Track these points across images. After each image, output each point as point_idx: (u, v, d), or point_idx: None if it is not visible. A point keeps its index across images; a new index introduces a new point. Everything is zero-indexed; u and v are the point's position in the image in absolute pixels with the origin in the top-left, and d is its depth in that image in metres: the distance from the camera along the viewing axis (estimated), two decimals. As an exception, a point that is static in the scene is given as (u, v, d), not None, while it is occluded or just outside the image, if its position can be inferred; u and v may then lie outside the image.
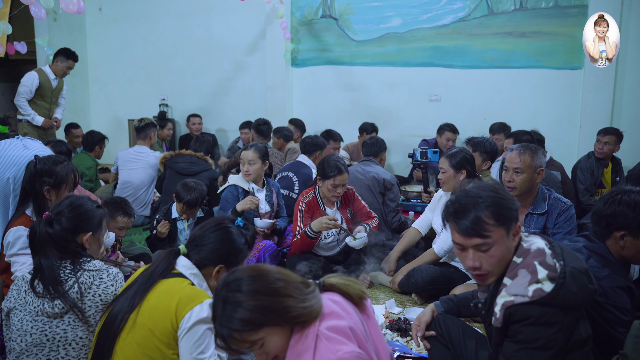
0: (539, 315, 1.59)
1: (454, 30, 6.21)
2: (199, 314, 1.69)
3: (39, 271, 1.86)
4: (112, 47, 7.78)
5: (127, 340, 1.70)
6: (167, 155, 4.73)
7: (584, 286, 1.62)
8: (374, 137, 4.56)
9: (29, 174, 2.54)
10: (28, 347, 1.80)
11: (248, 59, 7.17)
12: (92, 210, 2.04)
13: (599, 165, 4.80)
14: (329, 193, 3.55)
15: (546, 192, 2.98)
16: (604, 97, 5.70)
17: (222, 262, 1.88)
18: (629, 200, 1.96)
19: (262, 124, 5.33)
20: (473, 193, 1.70)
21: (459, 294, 2.25)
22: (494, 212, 1.65)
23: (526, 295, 1.60)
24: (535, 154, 2.89)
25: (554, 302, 1.58)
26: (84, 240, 1.99)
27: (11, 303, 1.89)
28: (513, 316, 1.62)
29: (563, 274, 1.60)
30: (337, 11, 6.65)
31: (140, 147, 5.07)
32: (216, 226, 1.92)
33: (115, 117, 7.89)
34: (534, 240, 1.73)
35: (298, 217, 3.63)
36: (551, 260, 1.64)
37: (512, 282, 1.65)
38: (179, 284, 1.78)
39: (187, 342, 1.68)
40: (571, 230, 2.90)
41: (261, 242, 3.64)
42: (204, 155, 4.76)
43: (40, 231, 1.90)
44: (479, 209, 1.66)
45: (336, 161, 3.52)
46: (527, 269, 1.64)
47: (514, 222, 1.69)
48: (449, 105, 6.35)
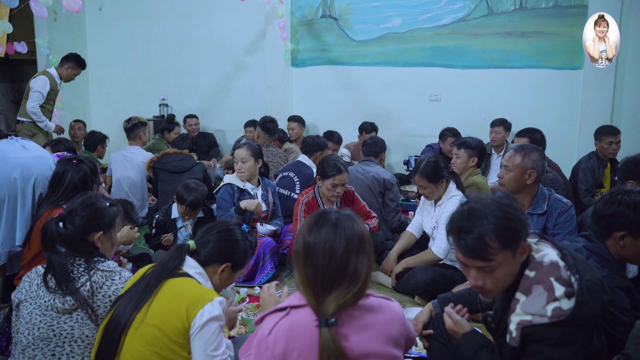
0: (559, 336, 1.56)
1: (454, 30, 6.22)
2: (211, 312, 1.72)
3: (52, 266, 1.89)
4: (112, 47, 7.78)
5: (135, 339, 1.70)
6: (153, 158, 4.71)
7: (600, 300, 1.59)
8: (375, 137, 4.56)
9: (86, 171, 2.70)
10: (35, 341, 1.83)
11: (248, 58, 7.18)
12: (104, 209, 2.06)
13: (600, 165, 4.78)
14: (328, 192, 3.55)
15: (546, 192, 2.96)
16: (603, 97, 5.71)
17: (229, 261, 1.93)
18: (630, 201, 1.96)
19: (269, 122, 5.33)
20: (479, 213, 1.61)
21: (456, 292, 2.25)
22: (500, 235, 1.57)
23: (545, 316, 1.57)
24: (528, 155, 2.87)
25: (574, 322, 1.56)
26: (95, 239, 2.01)
27: (22, 295, 1.91)
28: (531, 336, 1.59)
29: (581, 290, 1.57)
30: (337, 11, 6.65)
31: (132, 147, 5.00)
32: (224, 227, 1.99)
33: (115, 117, 7.89)
34: (546, 250, 1.68)
35: (298, 217, 3.63)
36: (566, 274, 1.60)
37: (527, 299, 1.61)
38: (187, 283, 1.80)
39: (200, 340, 1.70)
40: (572, 230, 2.89)
41: (261, 238, 3.65)
42: (189, 152, 4.83)
43: (52, 230, 1.93)
44: (484, 231, 1.57)
45: (336, 161, 3.52)
46: (543, 286, 1.60)
47: (521, 242, 1.62)
48: (449, 105, 6.35)
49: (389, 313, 1.53)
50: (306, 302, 1.49)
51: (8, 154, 2.82)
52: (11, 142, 2.93)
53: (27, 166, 2.79)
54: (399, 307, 1.58)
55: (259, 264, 3.59)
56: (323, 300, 1.46)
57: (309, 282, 1.49)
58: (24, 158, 2.81)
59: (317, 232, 1.50)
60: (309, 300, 1.48)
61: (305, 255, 1.49)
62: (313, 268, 1.47)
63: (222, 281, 1.96)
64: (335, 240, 1.48)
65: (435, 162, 3.27)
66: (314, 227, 1.51)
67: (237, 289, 3.37)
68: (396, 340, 1.52)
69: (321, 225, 1.50)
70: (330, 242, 1.47)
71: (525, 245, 1.65)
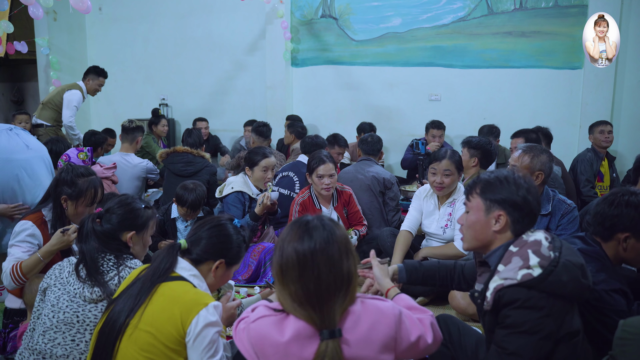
0: (525, 298, 1.60)
1: (453, 30, 6.22)
2: (206, 318, 1.67)
3: (84, 258, 1.96)
4: (112, 47, 7.77)
5: (129, 345, 1.68)
6: (162, 154, 4.67)
7: (576, 279, 1.62)
8: (373, 135, 4.51)
9: (55, 179, 2.63)
10: (58, 324, 1.89)
11: (248, 58, 7.18)
12: (140, 210, 2.11)
13: (597, 158, 4.98)
14: (318, 187, 3.57)
15: (551, 193, 2.95)
16: (603, 96, 5.71)
17: (222, 257, 1.90)
18: (636, 202, 1.96)
19: (262, 126, 5.37)
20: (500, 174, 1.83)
21: (425, 263, 2.26)
22: (484, 185, 1.82)
23: (515, 279, 1.62)
24: (537, 157, 2.84)
25: (541, 287, 1.60)
26: (127, 238, 2.06)
27: (52, 280, 1.98)
28: (502, 299, 1.64)
29: (555, 262, 1.62)
30: (337, 11, 6.65)
31: (126, 155, 4.76)
32: (215, 222, 1.95)
33: (115, 116, 7.88)
34: (536, 234, 1.74)
35: (292, 217, 3.65)
36: (547, 252, 1.66)
37: (505, 268, 1.68)
38: (181, 287, 1.75)
39: (197, 348, 1.66)
40: (574, 232, 2.87)
41: (262, 244, 3.65)
42: (198, 150, 4.71)
43: (88, 226, 2.02)
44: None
45: (320, 154, 3.57)
46: (520, 257, 1.67)
47: (497, 207, 1.77)
48: (449, 105, 6.35)
49: (378, 316, 1.45)
50: (299, 316, 1.41)
51: (13, 155, 2.96)
52: (13, 139, 3.02)
53: (30, 165, 2.98)
54: (391, 308, 1.49)
55: (260, 269, 3.58)
56: (328, 311, 1.39)
57: (307, 297, 1.40)
58: (30, 159, 3.00)
59: (309, 240, 1.42)
60: (306, 316, 1.40)
61: (301, 268, 1.40)
62: (314, 280, 1.39)
63: (218, 279, 1.92)
64: (331, 246, 1.42)
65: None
66: (304, 236, 1.43)
67: (237, 289, 3.37)
68: (385, 344, 1.43)
69: (312, 233, 1.43)
70: (327, 249, 1.42)
71: (501, 216, 1.76)
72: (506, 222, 1.76)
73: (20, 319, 2.57)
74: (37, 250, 2.49)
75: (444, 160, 3.27)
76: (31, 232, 2.51)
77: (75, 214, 2.58)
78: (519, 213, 1.75)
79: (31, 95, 8.88)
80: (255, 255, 3.58)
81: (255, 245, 3.64)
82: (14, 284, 2.45)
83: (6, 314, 2.62)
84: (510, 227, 1.77)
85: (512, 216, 1.75)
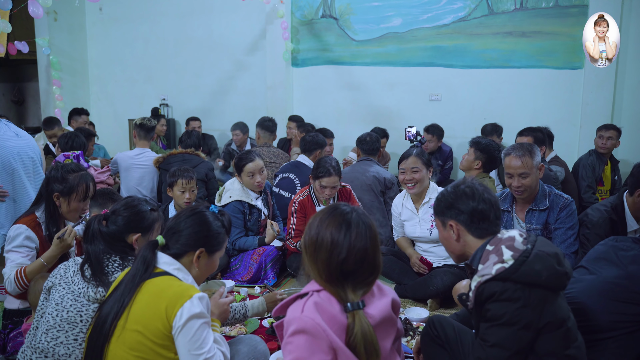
0: (501, 290, 1.65)
1: (454, 30, 6.21)
2: (190, 310, 1.67)
3: (89, 259, 1.96)
4: (113, 47, 7.78)
5: (118, 346, 1.68)
6: (159, 158, 4.63)
7: (550, 267, 1.67)
8: (371, 134, 4.51)
9: (45, 178, 2.64)
10: (61, 323, 1.89)
11: (248, 58, 7.18)
12: (146, 212, 2.11)
13: (599, 162, 4.88)
14: (317, 193, 3.58)
15: (547, 189, 3.03)
16: (604, 96, 5.70)
17: (202, 246, 1.87)
18: None
19: (268, 121, 5.34)
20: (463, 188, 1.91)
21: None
22: (439, 202, 1.94)
23: (490, 274, 1.68)
24: (533, 152, 2.94)
25: (514, 277, 1.64)
26: (133, 240, 2.05)
27: (57, 279, 1.99)
28: (482, 295, 1.69)
29: (527, 253, 1.67)
30: (337, 11, 6.65)
31: (143, 150, 4.75)
32: (191, 211, 1.93)
33: (115, 116, 7.89)
34: (510, 231, 1.81)
35: (291, 216, 3.66)
36: (521, 245, 1.71)
37: (483, 266, 1.74)
38: (165, 282, 1.75)
39: (183, 340, 1.66)
40: (572, 225, 2.96)
41: (262, 247, 3.65)
42: (195, 150, 4.69)
43: (94, 227, 2.01)
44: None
45: (329, 163, 3.52)
46: (495, 253, 1.72)
47: (449, 217, 1.88)
48: (449, 105, 6.35)
49: (390, 294, 1.68)
50: (325, 288, 1.55)
51: (6, 142, 3.15)
52: (2, 127, 3.23)
53: (25, 154, 3.24)
54: (394, 293, 1.72)
55: (261, 271, 3.58)
56: (353, 290, 1.54)
57: (332, 275, 1.54)
58: (21, 147, 3.22)
59: (346, 232, 1.55)
60: (333, 290, 1.54)
61: (332, 250, 1.54)
62: (341, 263, 1.53)
63: (202, 268, 1.89)
64: (365, 241, 1.56)
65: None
66: (342, 226, 1.56)
67: (237, 289, 3.37)
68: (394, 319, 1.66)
69: (349, 225, 1.56)
70: (362, 244, 1.55)
71: (452, 224, 1.87)
72: (459, 228, 1.85)
73: (20, 320, 2.57)
74: (36, 253, 2.54)
75: (411, 157, 3.34)
76: (27, 236, 2.52)
77: (68, 211, 2.59)
78: (465, 215, 1.84)
79: (32, 96, 8.88)
80: (255, 258, 3.59)
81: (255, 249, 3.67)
82: (18, 290, 2.47)
83: (5, 314, 2.63)
84: (468, 230, 1.85)
85: (459, 220, 1.85)
